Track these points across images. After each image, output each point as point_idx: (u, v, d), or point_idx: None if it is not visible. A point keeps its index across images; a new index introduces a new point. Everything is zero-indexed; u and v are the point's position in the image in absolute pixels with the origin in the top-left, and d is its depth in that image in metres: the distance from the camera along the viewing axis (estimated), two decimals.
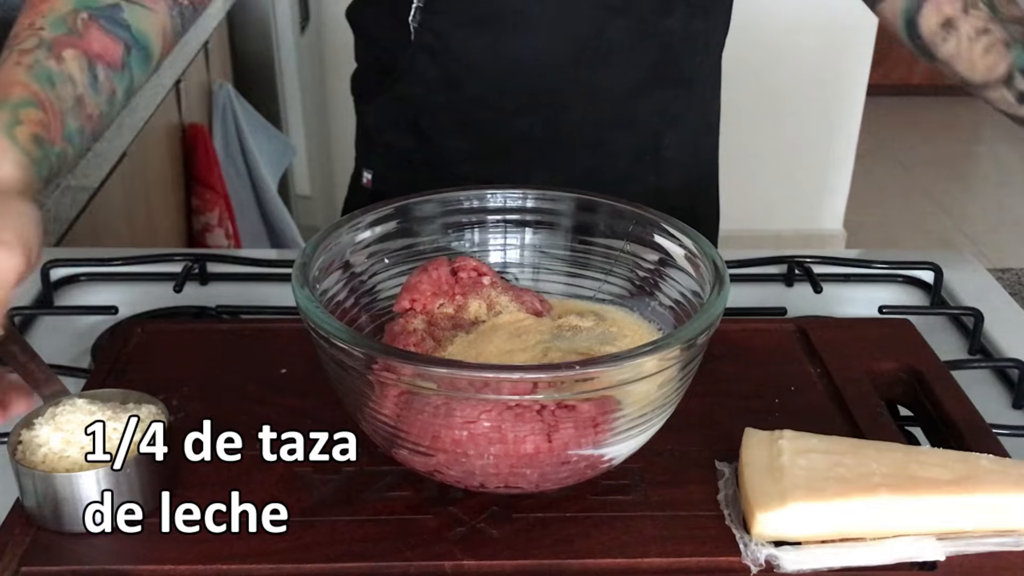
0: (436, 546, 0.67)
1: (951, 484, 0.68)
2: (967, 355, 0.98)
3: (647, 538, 0.68)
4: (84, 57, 0.80)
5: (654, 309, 0.80)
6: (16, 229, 0.67)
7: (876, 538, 0.67)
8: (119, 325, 0.93)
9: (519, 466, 0.66)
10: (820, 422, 0.78)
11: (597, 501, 0.71)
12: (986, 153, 4.78)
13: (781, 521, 0.66)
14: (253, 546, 0.66)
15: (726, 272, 0.73)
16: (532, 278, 0.85)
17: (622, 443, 0.68)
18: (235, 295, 1.05)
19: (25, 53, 0.78)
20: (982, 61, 0.97)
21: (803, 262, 1.10)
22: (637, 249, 0.81)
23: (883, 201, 4.14)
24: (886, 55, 4.69)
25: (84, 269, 1.07)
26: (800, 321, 0.94)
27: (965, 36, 0.97)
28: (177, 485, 0.69)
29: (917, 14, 1.00)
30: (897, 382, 0.87)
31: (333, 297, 0.75)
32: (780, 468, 0.69)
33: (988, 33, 0.96)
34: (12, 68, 0.77)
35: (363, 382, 0.66)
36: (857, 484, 0.67)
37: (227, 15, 2.49)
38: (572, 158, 1.10)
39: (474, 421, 0.64)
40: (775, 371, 0.86)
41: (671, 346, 0.65)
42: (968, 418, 0.80)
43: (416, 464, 0.69)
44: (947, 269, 1.09)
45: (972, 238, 3.88)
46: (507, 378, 0.63)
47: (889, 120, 4.68)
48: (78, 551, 0.66)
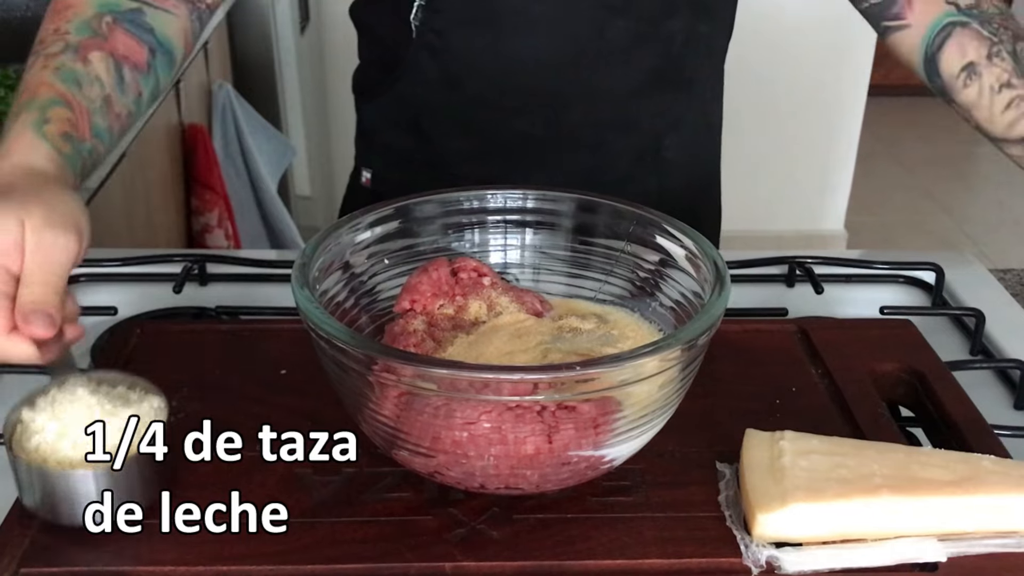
0: (436, 547, 0.67)
1: (952, 485, 0.68)
2: (968, 356, 0.98)
3: (648, 539, 0.68)
4: (110, 59, 0.81)
5: (655, 310, 0.80)
6: (66, 213, 0.68)
7: (877, 539, 0.67)
8: (118, 326, 0.93)
9: (519, 467, 0.66)
10: (821, 423, 0.78)
11: (598, 502, 0.71)
12: (988, 153, 4.72)
13: (782, 522, 0.66)
14: (253, 547, 0.66)
15: (727, 273, 0.73)
16: (532, 279, 0.85)
17: (623, 444, 0.68)
18: (235, 296, 1.04)
19: (52, 57, 0.79)
20: (1002, 117, 0.94)
21: (804, 262, 1.10)
22: (637, 250, 0.81)
23: (884, 201, 4.14)
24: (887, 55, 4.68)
25: (83, 270, 1.07)
26: (801, 322, 0.94)
27: (988, 86, 0.94)
28: (177, 485, 0.69)
29: (938, 52, 0.96)
30: (898, 383, 0.87)
31: (333, 298, 0.75)
32: (781, 469, 0.69)
33: (1011, 88, 0.93)
34: (39, 71, 0.78)
35: (363, 383, 0.66)
36: (858, 485, 0.67)
37: (227, 15, 2.48)
38: (572, 158, 1.10)
39: (474, 422, 0.64)
40: (776, 372, 0.86)
41: (672, 347, 0.65)
42: (969, 419, 0.80)
43: (416, 465, 0.69)
44: (948, 270, 1.09)
45: (973, 238, 3.87)
46: (507, 379, 0.63)
47: (890, 120, 4.68)
48: (77, 552, 0.66)
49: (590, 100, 1.07)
